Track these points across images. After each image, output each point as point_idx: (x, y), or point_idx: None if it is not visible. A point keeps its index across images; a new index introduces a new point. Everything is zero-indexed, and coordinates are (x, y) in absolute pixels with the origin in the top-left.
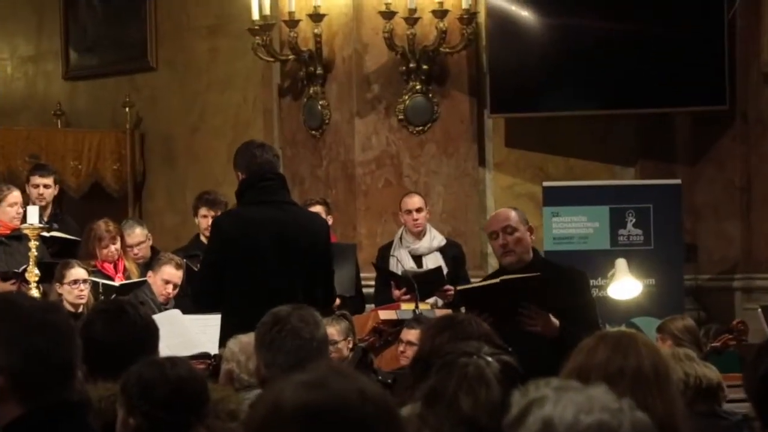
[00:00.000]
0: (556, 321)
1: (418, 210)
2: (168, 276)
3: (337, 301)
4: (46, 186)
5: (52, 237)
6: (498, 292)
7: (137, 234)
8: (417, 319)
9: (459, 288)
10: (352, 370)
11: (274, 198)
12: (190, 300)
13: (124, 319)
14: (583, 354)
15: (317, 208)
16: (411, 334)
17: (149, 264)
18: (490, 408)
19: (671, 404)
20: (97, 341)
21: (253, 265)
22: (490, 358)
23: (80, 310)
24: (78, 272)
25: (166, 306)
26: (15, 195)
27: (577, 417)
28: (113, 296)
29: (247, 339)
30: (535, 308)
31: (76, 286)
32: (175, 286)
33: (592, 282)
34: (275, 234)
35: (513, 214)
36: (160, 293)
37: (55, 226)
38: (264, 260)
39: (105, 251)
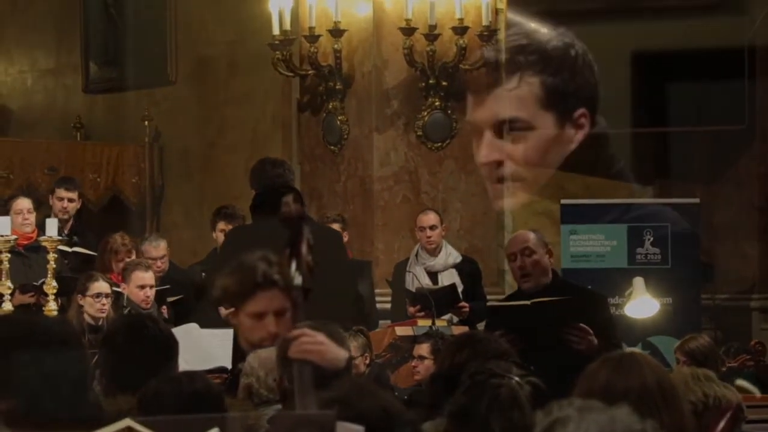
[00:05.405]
0: (595, 339)
1: (432, 227)
2: (141, 281)
3: None
4: (70, 200)
5: (73, 252)
6: (530, 313)
7: (162, 247)
8: (427, 334)
9: (489, 305)
10: (376, 387)
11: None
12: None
13: (144, 332)
14: (587, 379)
15: (334, 226)
16: (422, 349)
17: (165, 278)
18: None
19: (680, 419)
20: (117, 355)
21: None
22: (521, 380)
23: (101, 323)
24: (101, 286)
25: (149, 309)
26: (20, 202)
27: None
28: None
29: (267, 354)
30: (583, 328)
31: (99, 299)
32: (151, 287)
33: (609, 300)
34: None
35: (532, 236)
36: (140, 300)
37: (76, 239)
38: None
39: (120, 264)
